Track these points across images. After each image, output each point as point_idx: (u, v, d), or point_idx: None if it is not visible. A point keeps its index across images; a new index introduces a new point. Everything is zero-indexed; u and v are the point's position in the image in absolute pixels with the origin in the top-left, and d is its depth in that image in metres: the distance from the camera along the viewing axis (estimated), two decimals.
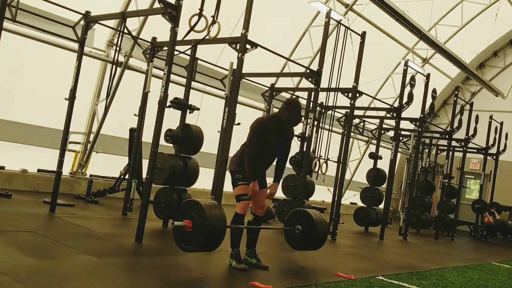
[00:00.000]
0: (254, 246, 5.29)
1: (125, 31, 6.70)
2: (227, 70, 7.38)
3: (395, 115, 10.60)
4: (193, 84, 8.14)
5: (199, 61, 8.36)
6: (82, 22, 7.23)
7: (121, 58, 9.77)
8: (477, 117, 14.07)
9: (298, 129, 11.19)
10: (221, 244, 4.73)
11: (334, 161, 10.78)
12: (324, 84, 8.42)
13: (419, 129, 11.49)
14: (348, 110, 9.50)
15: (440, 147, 15.90)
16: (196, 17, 5.92)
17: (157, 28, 7.74)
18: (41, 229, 5.67)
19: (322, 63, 8.11)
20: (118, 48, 7.04)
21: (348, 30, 8.96)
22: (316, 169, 8.80)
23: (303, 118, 9.44)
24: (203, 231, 4.45)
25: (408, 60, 11.17)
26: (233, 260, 5.06)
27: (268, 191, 5.29)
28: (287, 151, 5.34)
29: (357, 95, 9.01)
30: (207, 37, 6.12)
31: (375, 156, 11.69)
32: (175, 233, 4.59)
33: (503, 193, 16.11)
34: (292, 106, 5.02)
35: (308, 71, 8.77)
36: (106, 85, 9.26)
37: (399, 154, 13.03)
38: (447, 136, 13.27)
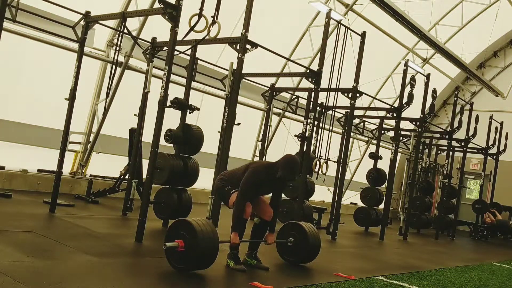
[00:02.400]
0: (256, 248, 5.30)
1: (125, 31, 6.70)
2: (227, 70, 7.39)
3: (395, 115, 10.60)
4: (193, 84, 8.14)
5: (199, 61, 8.37)
6: (82, 22, 7.22)
7: (121, 58, 9.76)
8: (477, 117, 14.07)
9: (298, 129, 11.21)
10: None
11: (334, 161, 10.79)
12: (324, 84, 8.42)
13: (419, 129, 11.49)
14: (348, 110, 9.50)
15: (440, 147, 15.90)
16: (196, 17, 5.91)
17: (157, 28, 7.73)
18: (41, 229, 5.67)
19: (322, 63, 8.11)
20: (118, 48, 7.05)
21: (348, 30, 8.96)
22: (316, 169, 8.80)
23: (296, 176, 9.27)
24: (196, 250, 4.41)
25: (408, 60, 11.17)
26: (231, 261, 5.04)
27: (266, 240, 5.33)
28: (279, 193, 5.41)
29: (357, 95, 9.01)
30: (207, 37, 6.12)
31: (375, 156, 11.69)
32: (168, 254, 4.55)
33: (503, 193, 16.10)
34: (289, 168, 4.98)
35: (308, 71, 8.78)
36: (106, 85, 9.24)
37: (399, 154, 13.03)
38: (447, 136, 13.26)
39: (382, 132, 12.57)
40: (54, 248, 4.80)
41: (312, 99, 8.56)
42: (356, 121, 13.65)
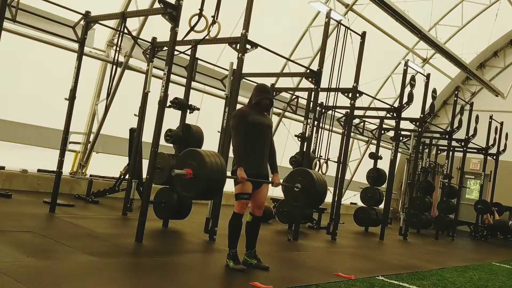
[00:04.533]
0: (254, 246, 5.28)
1: (125, 31, 6.70)
2: (227, 70, 7.39)
3: (395, 115, 10.60)
4: (193, 84, 8.14)
5: (199, 61, 8.37)
6: (82, 22, 7.23)
7: (121, 58, 9.77)
8: (477, 117, 14.07)
9: (298, 129, 11.21)
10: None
11: (334, 161, 10.79)
12: (324, 84, 8.42)
13: (419, 129, 11.49)
14: (348, 110, 9.50)
15: (440, 147, 15.89)
16: (196, 17, 5.92)
17: (157, 28, 7.73)
18: (41, 229, 5.67)
19: (322, 63, 8.11)
20: (118, 48, 7.04)
21: (348, 30, 8.96)
22: (316, 169, 8.80)
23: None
24: (204, 178, 4.50)
25: (408, 60, 11.17)
26: (230, 261, 5.03)
27: (271, 184, 5.27)
28: (271, 137, 5.28)
29: (357, 95, 9.01)
30: (207, 37, 6.12)
31: (375, 156, 11.69)
32: (177, 182, 4.67)
33: (503, 193, 16.09)
34: (260, 89, 5.20)
35: (308, 71, 8.78)
36: (106, 85, 9.26)
37: (399, 154, 13.03)
38: (447, 136, 13.27)
39: (382, 132, 12.56)
40: (54, 248, 4.80)
41: (312, 99, 8.56)
42: (356, 121, 13.65)
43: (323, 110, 10.46)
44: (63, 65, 8.84)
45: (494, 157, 14.99)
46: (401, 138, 13.18)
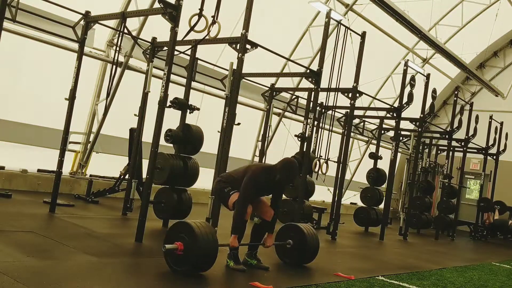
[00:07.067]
0: (256, 248, 5.30)
1: (125, 31, 6.70)
2: (227, 70, 7.39)
3: (395, 115, 10.60)
4: (193, 84, 8.14)
5: (199, 61, 8.36)
6: (82, 22, 7.22)
7: (121, 58, 9.76)
8: (477, 117, 14.07)
9: (298, 129, 11.22)
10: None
11: (334, 161, 10.78)
12: (324, 84, 8.42)
13: (419, 129, 11.49)
14: (348, 110, 9.50)
15: (440, 147, 15.90)
16: (196, 17, 5.92)
17: (157, 28, 7.73)
18: (41, 229, 5.67)
19: (322, 63, 8.11)
20: (118, 48, 7.04)
21: (348, 30, 8.96)
22: (316, 169, 8.80)
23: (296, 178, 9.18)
24: (195, 253, 4.39)
25: (408, 60, 11.17)
26: (231, 261, 5.04)
27: (265, 243, 5.31)
28: (281, 192, 5.43)
29: (357, 95, 9.02)
30: (207, 37, 6.12)
31: (375, 156, 11.69)
32: (166, 255, 4.53)
33: (503, 193, 16.09)
34: (287, 172, 5.02)
35: (308, 71, 8.78)
36: (106, 85, 9.24)
37: (399, 154, 13.03)
38: (447, 136, 13.27)
39: (382, 132, 12.57)
40: (54, 248, 4.80)
41: (312, 99, 8.57)
42: (356, 121, 13.65)
43: (323, 110, 10.47)
44: (63, 65, 8.83)
45: (494, 157, 15.00)
46: (401, 138, 13.18)
